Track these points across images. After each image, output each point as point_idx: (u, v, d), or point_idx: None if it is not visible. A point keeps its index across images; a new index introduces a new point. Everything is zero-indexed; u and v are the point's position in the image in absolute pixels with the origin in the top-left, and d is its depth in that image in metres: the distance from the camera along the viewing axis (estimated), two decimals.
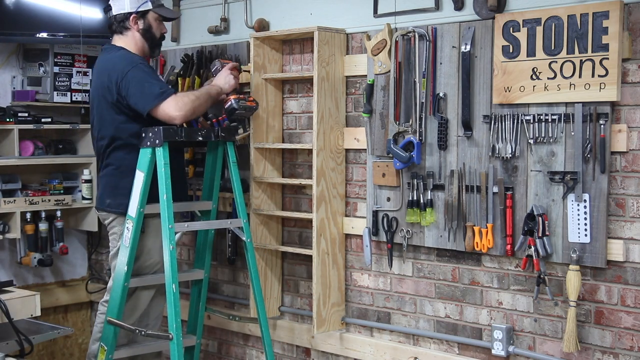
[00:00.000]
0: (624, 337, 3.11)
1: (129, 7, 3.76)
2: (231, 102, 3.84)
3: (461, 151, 3.45)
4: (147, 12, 3.79)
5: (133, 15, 3.76)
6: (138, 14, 3.77)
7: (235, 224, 3.82)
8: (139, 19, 3.77)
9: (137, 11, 3.76)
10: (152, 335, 3.67)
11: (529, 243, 3.22)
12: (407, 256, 3.70)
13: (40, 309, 3.51)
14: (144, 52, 3.84)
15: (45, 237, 4.76)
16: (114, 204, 3.75)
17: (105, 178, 3.82)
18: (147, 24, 3.80)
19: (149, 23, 3.80)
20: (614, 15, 2.99)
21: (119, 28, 3.81)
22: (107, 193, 3.79)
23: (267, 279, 4.15)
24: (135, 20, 3.77)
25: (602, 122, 3.05)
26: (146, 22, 3.79)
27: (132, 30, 3.79)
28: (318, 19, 3.94)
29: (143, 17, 3.79)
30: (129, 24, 3.78)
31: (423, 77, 3.51)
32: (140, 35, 3.80)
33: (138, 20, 3.77)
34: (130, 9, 3.76)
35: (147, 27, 3.80)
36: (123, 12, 3.77)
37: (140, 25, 3.78)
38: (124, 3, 3.77)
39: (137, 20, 3.77)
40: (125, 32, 3.80)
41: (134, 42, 3.80)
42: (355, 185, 3.89)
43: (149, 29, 3.81)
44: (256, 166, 4.07)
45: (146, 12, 3.79)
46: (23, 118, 4.57)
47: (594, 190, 3.10)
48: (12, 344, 3.32)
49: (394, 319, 3.79)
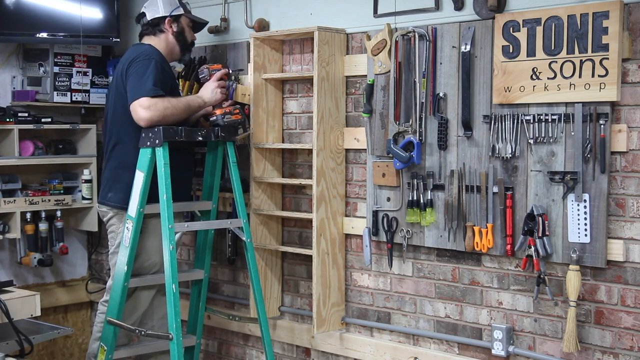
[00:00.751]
0: (624, 337, 3.11)
1: (163, 11, 3.95)
2: (216, 117, 3.88)
3: (461, 151, 3.45)
4: (180, 17, 3.98)
5: (168, 19, 3.93)
6: (172, 18, 3.95)
7: (235, 224, 3.82)
8: (173, 22, 3.96)
9: (171, 15, 3.94)
10: (152, 335, 3.67)
11: (529, 243, 3.22)
12: (407, 256, 3.70)
13: (40, 309, 3.51)
14: (173, 54, 4.00)
15: (45, 237, 4.76)
16: (115, 197, 3.81)
17: (109, 171, 3.88)
18: (180, 27, 3.98)
19: (182, 27, 3.99)
20: (614, 15, 2.99)
21: (152, 31, 3.97)
22: (109, 186, 3.86)
23: (267, 279, 4.15)
24: (170, 24, 3.95)
25: (602, 122, 3.05)
26: (180, 25, 3.98)
27: (167, 33, 3.96)
28: (318, 19, 3.94)
29: (177, 20, 3.97)
30: (163, 27, 3.95)
31: (423, 77, 3.51)
32: (173, 38, 3.97)
33: (172, 24, 3.96)
34: (165, 13, 3.94)
35: (181, 30, 3.98)
36: (158, 16, 3.94)
37: (175, 28, 3.96)
38: (159, 8, 3.95)
39: (172, 23, 3.95)
40: (159, 35, 3.96)
41: (166, 43, 3.95)
42: (355, 185, 3.89)
43: (182, 32, 3.99)
44: (256, 166, 4.07)
45: (179, 17, 3.97)
46: (23, 118, 4.57)
47: (594, 190, 3.10)
48: (12, 344, 3.32)
49: (394, 319, 3.79)
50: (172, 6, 3.95)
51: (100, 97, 4.80)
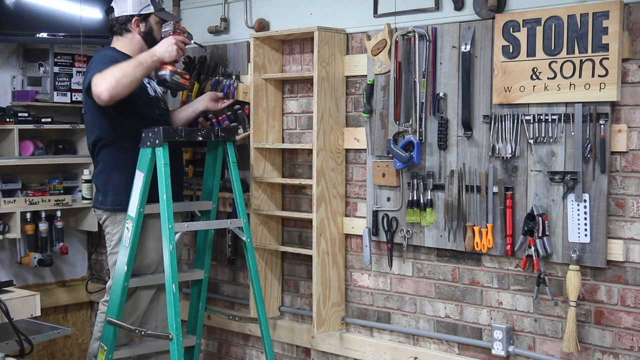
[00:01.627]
0: (624, 337, 3.11)
1: (131, 10, 3.78)
2: (166, 72, 3.68)
3: (461, 151, 3.45)
4: (149, 15, 3.81)
5: (135, 18, 3.79)
6: (140, 17, 3.79)
7: (235, 224, 3.82)
8: (140, 21, 3.80)
9: (139, 14, 3.79)
10: (152, 335, 3.67)
11: (529, 243, 3.22)
12: (407, 256, 3.70)
13: (40, 309, 3.51)
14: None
15: (45, 237, 4.76)
16: (105, 200, 3.78)
17: (96, 177, 3.86)
18: (148, 26, 3.82)
19: (151, 26, 3.83)
20: (614, 15, 2.99)
21: (119, 30, 3.83)
22: (99, 190, 3.84)
23: (267, 279, 4.15)
24: (137, 23, 3.80)
25: (602, 122, 3.05)
26: (148, 25, 3.82)
27: (133, 33, 3.81)
28: (318, 19, 3.94)
29: (145, 20, 3.82)
30: (130, 27, 3.80)
31: (423, 77, 3.50)
32: (140, 38, 3.82)
33: (140, 23, 3.80)
34: (133, 12, 3.78)
35: (149, 30, 3.83)
36: (125, 14, 3.79)
37: (142, 28, 3.81)
38: (127, 5, 3.79)
39: (139, 23, 3.80)
40: (126, 34, 3.82)
41: (133, 44, 3.82)
42: (355, 185, 3.89)
43: (150, 31, 3.83)
44: (256, 166, 4.07)
45: (148, 15, 3.81)
46: (23, 118, 4.57)
47: (594, 190, 3.10)
48: (12, 344, 3.31)
49: (394, 319, 3.79)
50: (141, 4, 3.79)
51: None
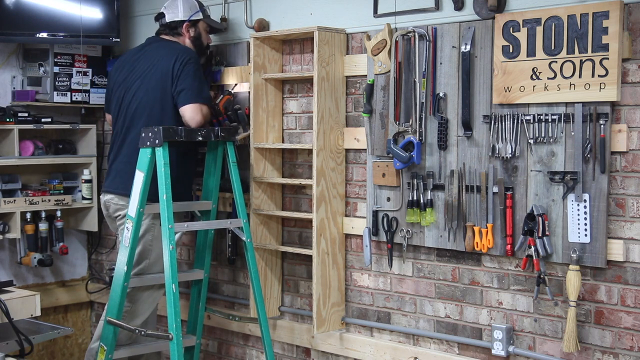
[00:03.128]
0: (624, 337, 3.11)
1: (182, 16, 4.01)
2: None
3: (461, 151, 3.45)
4: (198, 22, 4.03)
5: (186, 23, 4.00)
6: (190, 22, 4.01)
7: (235, 224, 3.82)
8: (191, 27, 4.02)
9: (190, 19, 4.00)
10: (152, 335, 3.67)
11: (529, 243, 3.22)
12: (407, 256, 3.70)
13: (40, 309, 3.51)
14: None
15: (45, 237, 4.76)
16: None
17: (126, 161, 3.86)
18: (197, 32, 4.05)
19: (199, 32, 4.06)
20: (614, 15, 2.99)
21: (170, 33, 4.04)
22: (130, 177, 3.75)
23: (267, 279, 4.15)
24: (187, 28, 4.01)
25: (602, 122, 3.05)
26: (197, 30, 4.05)
27: (184, 37, 4.03)
28: (318, 19, 3.94)
29: (194, 25, 4.03)
30: (181, 31, 4.02)
31: (423, 77, 3.51)
32: (190, 42, 4.03)
33: (190, 28, 4.02)
34: (184, 17, 4.01)
35: (198, 35, 4.05)
36: (176, 19, 4.00)
37: (192, 33, 4.03)
38: (178, 12, 4.01)
39: (189, 28, 4.02)
40: (176, 37, 4.02)
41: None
42: (355, 185, 3.89)
43: (199, 37, 4.06)
44: (256, 166, 4.07)
45: (197, 21, 4.03)
46: (23, 118, 4.57)
47: (594, 190, 3.10)
48: (12, 344, 3.31)
49: (394, 319, 3.79)
50: (191, 10, 4.01)
51: (100, 97, 4.79)
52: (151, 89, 3.86)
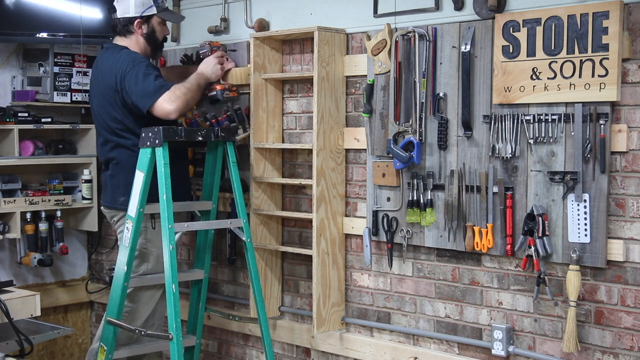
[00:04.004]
0: (624, 337, 3.11)
1: (133, 12, 3.78)
2: (216, 92, 3.95)
3: (461, 151, 3.45)
4: (152, 17, 3.81)
5: (137, 20, 3.79)
6: (142, 19, 3.79)
7: (235, 224, 3.82)
8: (143, 23, 3.81)
9: (142, 16, 3.78)
10: (152, 335, 3.67)
11: (529, 243, 3.22)
12: (407, 256, 3.69)
13: (40, 309, 3.51)
14: (146, 55, 3.88)
15: (45, 237, 4.76)
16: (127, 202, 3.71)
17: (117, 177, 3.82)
18: (150, 28, 3.84)
19: (153, 27, 3.84)
20: (614, 15, 2.98)
21: (122, 30, 3.84)
22: (120, 192, 3.79)
23: (267, 279, 4.15)
24: (139, 25, 3.80)
25: (602, 122, 3.05)
26: (150, 26, 3.83)
27: (136, 34, 3.82)
28: (318, 19, 3.94)
29: (147, 21, 3.82)
30: (132, 28, 3.81)
31: (423, 77, 3.50)
32: (143, 39, 3.84)
33: (142, 25, 3.81)
34: (135, 14, 3.78)
35: (151, 31, 3.84)
36: (127, 16, 3.78)
37: (144, 30, 3.82)
38: (129, 7, 3.78)
39: (142, 24, 3.81)
40: (129, 35, 3.84)
41: (137, 45, 3.84)
42: (355, 185, 3.89)
43: (152, 33, 3.85)
44: (256, 166, 4.07)
45: (150, 17, 3.81)
46: (23, 118, 4.57)
47: (594, 190, 3.10)
48: (12, 344, 3.32)
49: (394, 319, 3.79)
50: (144, 6, 3.77)
51: None
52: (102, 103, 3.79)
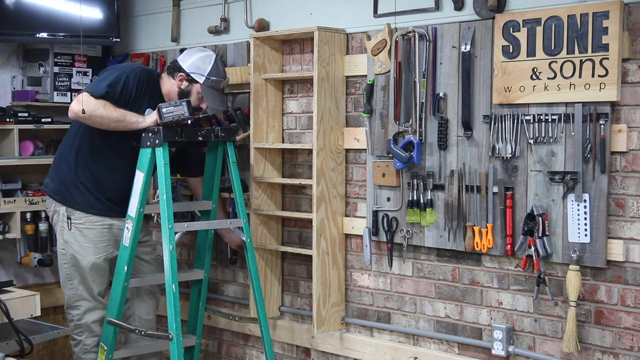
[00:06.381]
0: (624, 337, 3.11)
1: (186, 65, 3.79)
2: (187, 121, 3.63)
3: (461, 151, 3.45)
4: (195, 82, 3.79)
5: (182, 74, 3.78)
6: (187, 76, 3.78)
7: (235, 224, 3.82)
8: (185, 79, 3.79)
9: (189, 74, 3.78)
10: (152, 335, 3.67)
11: (529, 243, 3.22)
12: (407, 256, 3.69)
13: (40, 309, 3.51)
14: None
15: (45, 237, 4.76)
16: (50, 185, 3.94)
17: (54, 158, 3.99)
18: (188, 89, 3.80)
19: (190, 90, 3.80)
20: (614, 15, 2.99)
21: (170, 69, 3.86)
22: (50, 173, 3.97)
23: (267, 279, 4.15)
24: (181, 79, 3.79)
25: (602, 122, 3.05)
26: (189, 87, 3.79)
27: (175, 82, 3.81)
28: (318, 19, 3.94)
29: (190, 82, 3.79)
30: (176, 76, 3.81)
31: (423, 77, 3.51)
32: (177, 91, 3.80)
33: (184, 81, 3.79)
34: (186, 68, 3.79)
35: (187, 92, 3.80)
36: (181, 64, 3.79)
37: (182, 86, 3.80)
38: (187, 60, 3.80)
39: (184, 80, 3.79)
40: (170, 77, 3.83)
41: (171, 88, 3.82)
42: (355, 185, 3.89)
43: (187, 94, 3.79)
44: (256, 166, 4.07)
45: (194, 81, 3.79)
46: (23, 118, 4.57)
47: (594, 190, 3.10)
48: (12, 344, 3.31)
49: (394, 319, 3.79)
50: (197, 69, 3.77)
51: None
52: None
